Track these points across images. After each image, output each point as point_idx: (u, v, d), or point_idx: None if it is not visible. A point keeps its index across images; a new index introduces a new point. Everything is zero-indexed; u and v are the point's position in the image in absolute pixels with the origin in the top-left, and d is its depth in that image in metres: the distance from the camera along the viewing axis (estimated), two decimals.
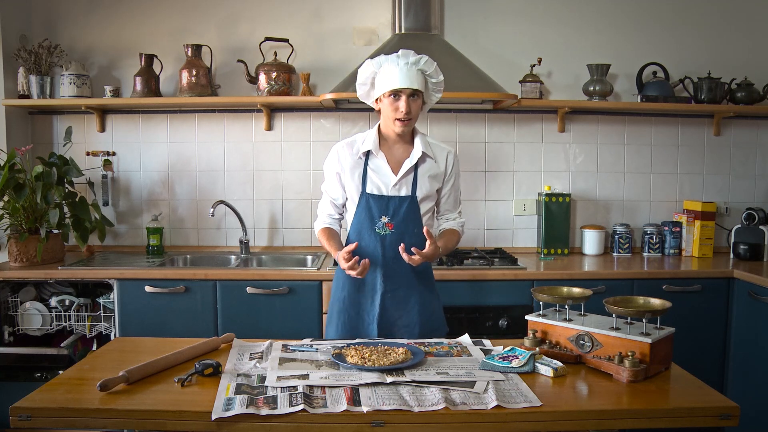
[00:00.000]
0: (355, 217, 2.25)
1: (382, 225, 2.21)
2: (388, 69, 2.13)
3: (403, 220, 2.20)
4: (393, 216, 2.20)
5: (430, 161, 2.25)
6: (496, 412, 1.49)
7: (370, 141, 2.23)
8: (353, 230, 2.26)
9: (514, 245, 3.57)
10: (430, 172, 2.25)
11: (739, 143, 3.58)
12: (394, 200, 2.21)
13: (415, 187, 2.22)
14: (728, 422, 1.54)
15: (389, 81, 2.12)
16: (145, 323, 2.89)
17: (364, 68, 2.20)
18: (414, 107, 2.15)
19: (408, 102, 2.13)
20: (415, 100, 2.15)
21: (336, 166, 2.27)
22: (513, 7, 3.48)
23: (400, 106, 2.13)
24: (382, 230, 2.21)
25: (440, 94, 2.26)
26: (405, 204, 2.21)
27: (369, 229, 2.21)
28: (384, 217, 2.20)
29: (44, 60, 3.31)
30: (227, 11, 3.46)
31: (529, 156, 3.54)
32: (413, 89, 2.12)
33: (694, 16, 3.51)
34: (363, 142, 2.24)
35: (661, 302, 1.83)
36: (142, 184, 3.53)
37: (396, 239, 2.18)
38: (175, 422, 1.50)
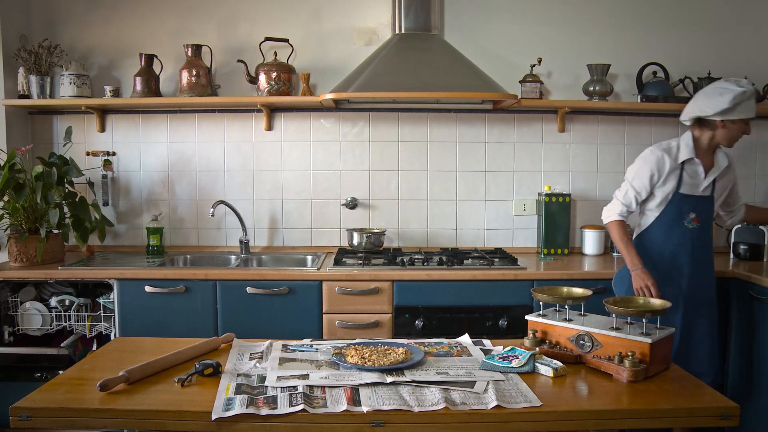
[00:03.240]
0: (663, 215, 2.66)
1: (690, 220, 2.63)
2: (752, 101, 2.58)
3: (706, 216, 2.66)
4: (699, 212, 2.64)
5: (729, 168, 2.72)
6: (496, 412, 1.49)
7: (688, 151, 2.64)
8: (659, 226, 2.67)
9: (514, 245, 3.57)
10: (725, 176, 2.72)
11: (739, 143, 3.53)
12: (702, 199, 2.65)
13: (714, 189, 2.69)
14: (728, 422, 1.54)
15: (749, 112, 2.57)
16: (145, 323, 2.89)
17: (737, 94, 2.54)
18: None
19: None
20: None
21: (655, 168, 2.65)
22: (513, 7, 3.48)
23: (749, 130, 2.62)
24: (690, 224, 2.63)
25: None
26: (708, 202, 2.67)
27: (677, 223, 2.64)
28: (692, 213, 2.63)
29: (44, 60, 3.31)
30: (227, 11, 3.46)
31: (529, 156, 3.54)
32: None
33: (694, 16, 3.51)
34: (679, 151, 2.66)
35: (661, 302, 1.83)
36: (142, 184, 3.53)
37: (700, 231, 2.64)
38: (175, 422, 1.50)
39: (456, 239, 3.55)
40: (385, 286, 2.90)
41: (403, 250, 3.42)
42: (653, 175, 2.65)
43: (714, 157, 2.69)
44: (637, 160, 2.70)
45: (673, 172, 2.64)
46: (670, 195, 2.64)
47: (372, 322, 2.90)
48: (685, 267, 2.63)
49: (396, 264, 3.01)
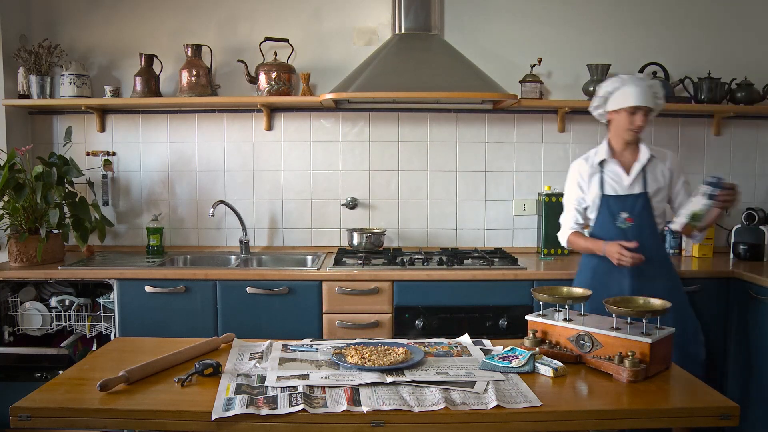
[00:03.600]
0: (598, 217, 2.65)
1: (622, 220, 2.58)
2: (630, 88, 2.52)
3: (639, 214, 2.58)
4: (631, 211, 2.58)
5: (656, 161, 2.62)
6: (496, 412, 1.49)
7: (604, 152, 2.65)
8: (597, 227, 2.66)
9: (514, 245, 3.57)
10: (658, 170, 2.62)
11: (739, 143, 3.58)
12: (630, 198, 2.60)
13: (645, 185, 2.60)
14: (728, 422, 1.54)
15: (631, 98, 2.51)
16: (145, 323, 2.89)
17: (606, 85, 2.59)
18: (645, 121, 2.56)
19: (644, 117, 2.55)
20: (647, 115, 2.56)
21: (577, 178, 2.70)
22: (513, 7, 3.48)
23: (637, 120, 2.53)
24: (623, 224, 2.58)
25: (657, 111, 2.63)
26: (640, 199, 2.59)
27: (610, 224, 2.60)
28: (623, 213, 2.58)
29: (44, 60, 3.31)
30: (227, 11, 3.46)
31: (529, 156, 3.54)
32: (649, 107, 2.54)
33: (694, 16, 3.51)
34: (596, 155, 2.67)
35: (661, 302, 1.83)
36: (142, 184, 3.53)
37: (635, 230, 2.56)
38: (175, 422, 1.50)
39: (456, 239, 3.55)
40: (385, 286, 2.90)
41: (403, 250, 3.42)
42: (578, 184, 2.69)
43: (638, 153, 2.65)
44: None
45: (594, 176, 2.65)
46: (598, 199, 2.64)
47: (372, 322, 2.90)
48: (624, 268, 2.54)
49: (396, 264, 3.01)
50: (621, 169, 2.63)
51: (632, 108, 2.53)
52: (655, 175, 2.63)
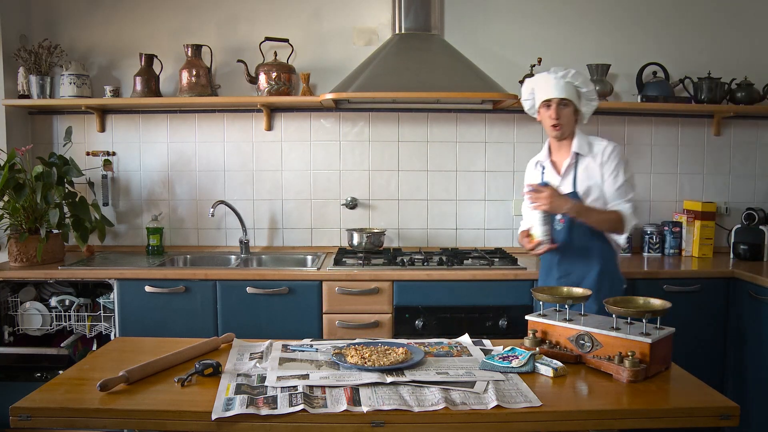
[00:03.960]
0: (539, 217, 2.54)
1: (556, 221, 2.49)
2: (541, 83, 2.47)
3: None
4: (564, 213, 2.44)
5: (587, 158, 2.50)
6: (496, 412, 1.49)
7: (543, 152, 2.61)
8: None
9: (514, 245, 3.57)
10: (588, 168, 2.49)
11: (739, 143, 3.58)
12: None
13: (575, 183, 2.49)
14: (728, 422, 1.54)
15: (542, 93, 2.47)
16: (145, 323, 2.89)
17: (526, 86, 2.56)
18: (564, 113, 2.45)
19: (557, 110, 2.44)
20: (563, 108, 2.45)
21: (527, 179, 2.67)
22: (513, 7, 3.48)
23: (551, 113, 2.45)
24: (557, 225, 2.49)
25: (594, 103, 2.52)
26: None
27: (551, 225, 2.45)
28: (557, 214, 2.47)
29: (44, 60, 3.31)
30: (227, 11, 3.46)
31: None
32: (561, 98, 2.42)
33: (694, 16, 3.51)
34: (539, 154, 2.63)
35: (661, 302, 1.83)
36: (142, 184, 3.53)
37: (566, 231, 2.48)
38: (175, 422, 1.50)
39: (456, 239, 3.55)
40: (385, 286, 2.90)
41: (403, 250, 3.42)
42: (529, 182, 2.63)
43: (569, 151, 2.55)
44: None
45: (537, 177, 2.62)
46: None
47: (372, 322, 2.90)
48: (554, 269, 2.54)
49: (396, 264, 3.01)
50: (553, 169, 2.57)
51: (544, 103, 2.47)
52: (586, 173, 2.50)
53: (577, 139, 2.52)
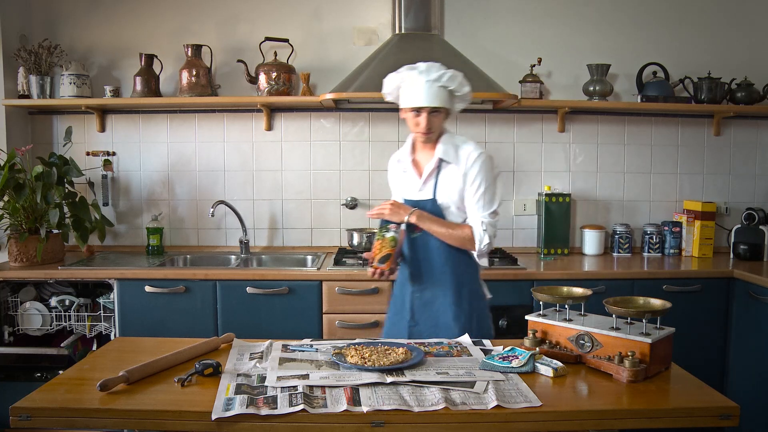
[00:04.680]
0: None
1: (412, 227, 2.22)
2: (411, 85, 2.16)
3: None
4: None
5: (451, 164, 2.21)
6: (496, 412, 1.49)
7: (405, 149, 2.34)
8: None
9: (514, 245, 3.57)
10: (452, 175, 2.21)
11: (739, 143, 3.58)
12: (419, 204, 2.23)
13: (435, 190, 2.23)
14: (728, 422, 1.54)
15: (411, 98, 2.16)
16: (145, 323, 2.89)
17: (388, 82, 2.23)
18: (436, 122, 2.18)
19: (428, 119, 2.16)
20: (436, 115, 2.17)
21: (390, 175, 2.45)
22: (513, 7, 3.48)
23: (421, 122, 2.17)
24: (413, 233, 2.24)
25: (466, 102, 2.26)
26: (428, 207, 2.22)
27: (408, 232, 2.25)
28: None
29: (44, 60, 3.31)
30: (227, 11, 3.46)
31: (529, 156, 3.54)
32: (433, 107, 2.14)
33: (694, 16, 3.51)
34: (402, 150, 2.36)
35: (661, 302, 1.83)
36: (142, 184, 3.53)
37: (424, 241, 2.22)
38: (175, 422, 1.50)
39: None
40: (385, 286, 2.90)
41: None
42: (392, 183, 2.43)
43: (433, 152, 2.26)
44: None
45: (398, 174, 2.37)
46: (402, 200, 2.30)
47: (372, 322, 2.90)
48: (406, 282, 2.29)
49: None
50: (413, 171, 2.29)
51: (414, 109, 2.16)
52: (449, 180, 2.21)
53: (443, 144, 2.22)
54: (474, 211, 2.20)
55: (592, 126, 3.54)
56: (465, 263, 2.25)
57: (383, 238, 2.16)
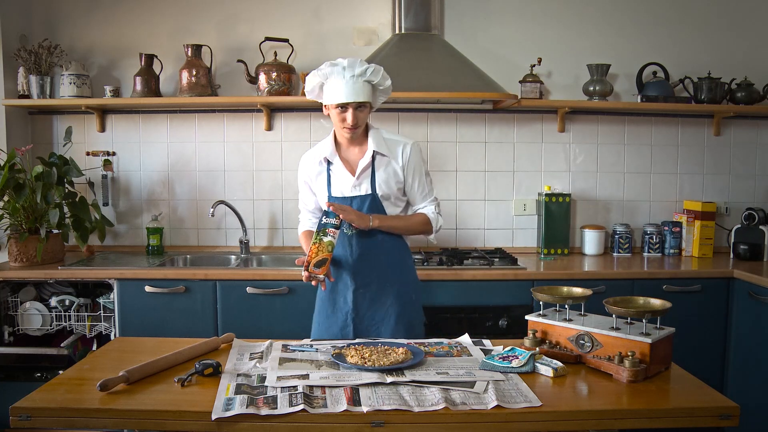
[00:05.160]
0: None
1: (348, 225, 2.23)
2: (335, 82, 2.17)
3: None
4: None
5: (385, 157, 2.27)
6: (496, 412, 1.49)
7: (327, 147, 2.30)
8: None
9: (514, 245, 3.57)
10: (388, 168, 2.27)
11: (739, 143, 3.58)
12: (356, 200, 2.25)
13: (374, 185, 2.26)
14: (728, 422, 1.54)
15: (335, 94, 2.16)
16: (145, 323, 2.89)
17: (310, 79, 2.23)
18: (362, 117, 2.21)
19: (355, 114, 2.18)
20: (362, 110, 2.19)
21: (304, 176, 2.38)
22: (513, 7, 3.48)
23: (347, 117, 2.18)
24: (349, 230, 2.25)
25: (387, 96, 2.28)
26: (367, 202, 2.25)
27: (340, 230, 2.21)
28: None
29: (44, 60, 3.31)
30: (227, 11, 3.46)
31: (529, 156, 3.54)
32: (359, 102, 2.16)
33: (694, 16, 3.51)
34: (322, 149, 2.32)
35: (661, 302, 1.83)
36: (142, 184, 3.53)
37: (362, 237, 2.25)
38: (175, 422, 1.50)
39: (456, 239, 3.55)
40: None
41: None
42: (306, 183, 2.37)
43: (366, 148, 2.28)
44: None
45: (321, 175, 2.31)
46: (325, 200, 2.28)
47: None
48: (348, 279, 2.27)
49: None
50: (344, 168, 2.28)
51: (339, 105, 2.17)
52: (386, 174, 2.26)
53: (372, 137, 2.26)
54: (420, 199, 2.35)
55: (592, 126, 3.54)
56: (404, 251, 2.35)
57: (320, 242, 2.12)
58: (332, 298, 2.32)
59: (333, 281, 2.25)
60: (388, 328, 2.27)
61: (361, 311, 2.29)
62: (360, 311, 2.28)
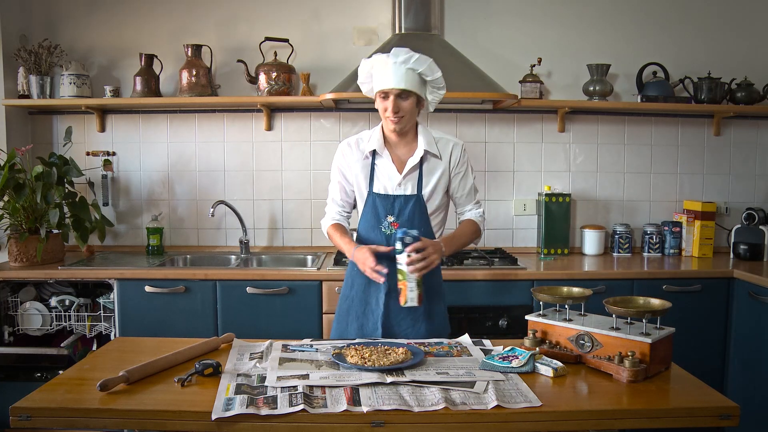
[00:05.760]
0: (363, 216, 2.24)
1: (387, 224, 2.19)
2: (379, 68, 2.11)
3: (408, 219, 2.18)
4: (398, 215, 2.18)
5: (434, 158, 2.21)
6: (496, 412, 1.49)
7: (375, 140, 2.20)
8: (362, 228, 2.25)
9: (514, 245, 3.57)
10: (436, 169, 2.21)
11: (739, 143, 3.58)
12: (400, 199, 2.19)
13: (420, 185, 2.19)
14: (728, 422, 1.54)
15: (379, 81, 2.11)
16: (145, 323, 2.89)
17: (362, 67, 2.19)
18: (405, 106, 2.11)
19: (395, 102, 2.10)
20: (404, 99, 2.11)
21: (342, 165, 2.27)
22: (513, 7, 3.48)
23: (388, 105, 2.11)
24: (388, 229, 2.19)
25: (442, 91, 2.19)
26: (411, 202, 2.19)
27: (376, 228, 2.20)
28: (390, 216, 2.19)
29: (44, 60, 3.31)
30: (227, 11, 3.46)
31: (529, 156, 3.54)
32: (400, 89, 2.08)
33: (694, 16, 3.51)
34: (369, 141, 2.22)
35: (661, 302, 1.83)
36: (142, 184, 3.53)
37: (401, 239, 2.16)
38: (175, 422, 1.50)
39: None
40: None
41: None
42: (342, 173, 2.26)
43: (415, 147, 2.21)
44: None
45: (363, 167, 2.22)
46: (366, 194, 2.22)
47: None
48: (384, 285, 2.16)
49: None
50: (392, 164, 2.20)
51: (381, 93, 2.11)
52: (432, 174, 2.20)
53: (423, 135, 2.21)
54: (466, 202, 2.30)
55: (592, 126, 3.54)
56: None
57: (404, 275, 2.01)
58: (364, 299, 2.24)
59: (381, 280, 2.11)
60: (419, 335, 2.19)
61: (391, 315, 2.21)
62: (391, 314, 2.21)
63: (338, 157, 2.28)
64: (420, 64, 2.10)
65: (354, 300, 2.27)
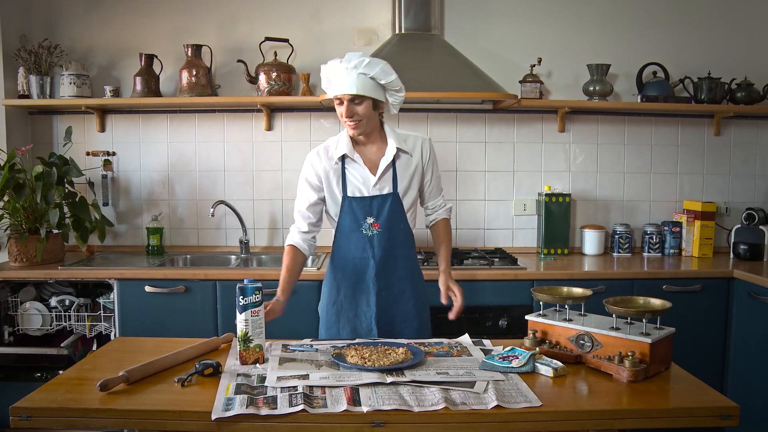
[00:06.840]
0: (341, 221, 2.24)
1: (368, 226, 2.21)
2: (334, 74, 2.12)
3: (387, 218, 2.21)
4: (377, 215, 2.20)
5: (405, 155, 2.24)
6: (496, 412, 1.49)
7: (344, 144, 2.21)
8: (341, 234, 2.25)
9: (514, 245, 3.57)
10: (409, 166, 2.24)
11: (739, 143, 3.58)
12: (377, 199, 2.20)
13: (396, 184, 2.22)
14: (728, 422, 1.54)
15: (333, 86, 2.12)
16: (145, 323, 2.89)
17: (322, 73, 2.19)
18: (360, 111, 2.11)
19: (349, 107, 2.10)
20: (358, 104, 2.10)
21: (311, 175, 2.26)
22: (513, 7, 3.48)
23: (342, 111, 2.12)
24: (369, 231, 2.21)
25: (401, 93, 2.18)
26: (388, 201, 2.21)
27: (356, 231, 2.21)
28: (369, 217, 2.20)
29: (44, 60, 3.31)
30: (227, 11, 3.46)
31: (529, 156, 3.54)
32: (352, 94, 2.07)
33: (694, 16, 3.51)
34: (337, 147, 2.23)
35: (661, 302, 1.83)
36: (142, 184, 3.53)
37: (384, 238, 2.21)
38: (175, 422, 1.50)
39: (456, 239, 3.55)
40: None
41: None
42: (309, 183, 2.25)
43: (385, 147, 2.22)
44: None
45: (335, 173, 2.22)
46: (340, 199, 2.22)
47: None
48: (371, 281, 2.22)
49: None
50: (364, 166, 2.21)
51: (336, 98, 2.12)
52: (406, 171, 2.23)
53: (391, 135, 2.22)
54: (436, 195, 2.37)
55: (592, 126, 3.54)
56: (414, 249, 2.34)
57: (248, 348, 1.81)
58: (354, 302, 2.26)
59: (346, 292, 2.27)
60: (412, 329, 2.25)
61: (384, 313, 2.24)
62: (383, 313, 2.24)
63: (307, 169, 2.27)
64: (371, 68, 2.08)
65: (343, 305, 2.28)
